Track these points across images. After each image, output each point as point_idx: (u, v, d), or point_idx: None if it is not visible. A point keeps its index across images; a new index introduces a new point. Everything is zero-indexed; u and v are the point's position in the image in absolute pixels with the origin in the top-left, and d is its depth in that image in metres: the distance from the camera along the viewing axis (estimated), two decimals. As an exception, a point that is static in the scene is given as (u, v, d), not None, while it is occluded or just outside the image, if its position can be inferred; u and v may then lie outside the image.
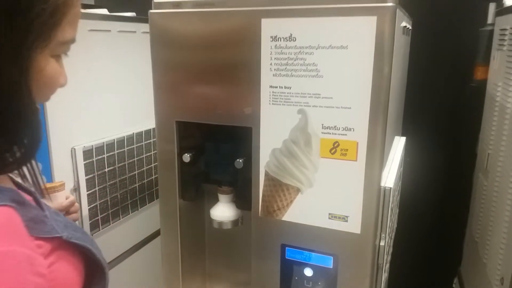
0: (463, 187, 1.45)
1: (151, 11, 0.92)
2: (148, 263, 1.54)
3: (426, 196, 1.60)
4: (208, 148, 0.98)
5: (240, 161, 0.93)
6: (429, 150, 1.53)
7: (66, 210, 0.93)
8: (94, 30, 1.24)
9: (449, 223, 1.59)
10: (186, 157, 0.97)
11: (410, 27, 1.21)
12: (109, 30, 1.31)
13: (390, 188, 0.92)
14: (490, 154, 1.20)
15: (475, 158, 1.38)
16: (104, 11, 1.48)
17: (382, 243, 0.93)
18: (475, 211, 1.34)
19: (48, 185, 0.94)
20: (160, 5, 0.92)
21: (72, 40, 0.51)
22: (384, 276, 1.04)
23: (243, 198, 0.97)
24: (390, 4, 0.75)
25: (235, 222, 1.03)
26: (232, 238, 1.13)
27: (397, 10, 0.78)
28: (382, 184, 0.91)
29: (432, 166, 1.55)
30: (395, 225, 1.38)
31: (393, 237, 1.29)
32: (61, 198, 0.94)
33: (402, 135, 1.40)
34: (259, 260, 0.97)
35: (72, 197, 0.95)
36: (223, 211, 1.02)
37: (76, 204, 0.95)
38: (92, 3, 2.11)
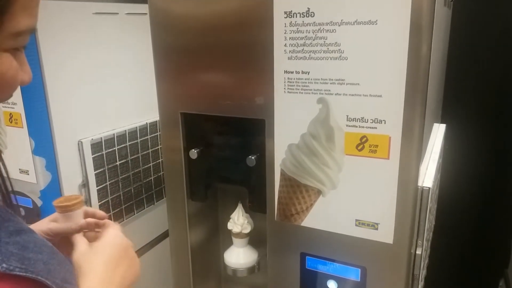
0: (510, 178, 1.28)
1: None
2: (168, 258, 1.47)
3: (468, 190, 1.43)
4: (216, 143, 0.87)
5: (252, 158, 0.81)
6: (472, 138, 1.36)
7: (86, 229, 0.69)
8: (98, 13, 1.14)
9: (495, 220, 1.42)
10: (193, 153, 0.86)
11: (453, -2, 1.05)
12: (117, 13, 1.21)
13: (429, 188, 0.79)
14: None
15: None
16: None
17: (418, 252, 0.80)
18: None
19: (62, 200, 0.72)
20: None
21: (30, 30, 0.43)
22: (421, 284, 0.91)
23: (256, 200, 0.85)
24: (431, -34, 0.60)
25: (251, 270, 0.96)
26: (250, 242, 1.03)
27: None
28: (419, 183, 0.78)
29: (476, 156, 1.38)
30: (433, 223, 1.24)
31: (430, 238, 1.16)
32: (77, 217, 0.71)
33: (441, 121, 1.25)
34: (276, 269, 0.86)
35: (100, 213, 0.70)
36: (237, 257, 0.95)
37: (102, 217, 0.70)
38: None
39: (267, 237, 0.85)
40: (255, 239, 0.97)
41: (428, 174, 0.85)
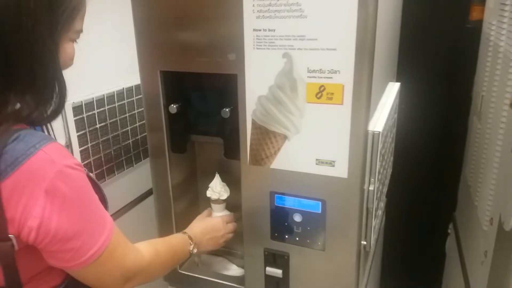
0: (459, 131, 1.44)
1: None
2: (145, 220, 1.56)
3: (422, 142, 1.59)
4: (194, 98, 0.97)
5: (226, 110, 0.91)
6: (425, 95, 1.50)
7: None
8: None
9: (445, 169, 1.59)
10: (173, 108, 0.96)
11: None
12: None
13: (379, 132, 0.92)
14: (484, 97, 1.18)
15: (470, 102, 1.36)
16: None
17: (371, 188, 0.94)
18: (469, 155, 1.34)
19: None
20: None
21: (81, 30, 0.70)
22: (376, 221, 1.06)
23: (231, 148, 0.96)
24: None
25: None
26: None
27: None
28: (371, 128, 0.90)
29: (428, 112, 1.53)
30: (390, 171, 1.39)
31: (386, 183, 1.30)
32: None
33: (397, 80, 1.38)
34: (249, 208, 0.98)
35: None
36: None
37: None
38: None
39: (241, 180, 0.96)
40: (233, 183, 1.08)
41: (379, 122, 0.98)
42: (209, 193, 1.04)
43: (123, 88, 1.38)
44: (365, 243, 0.98)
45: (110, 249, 0.66)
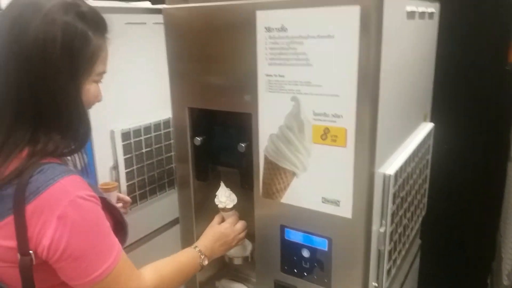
0: (496, 176, 1.37)
1: (163, 7, 1.00)
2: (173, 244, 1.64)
3: (457, 184, 1.52)
4: (215, 132, 1.06)
5: (242, 145, 0.99)
6: (461, 137, 1.45)
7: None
8: (130, 23, 1.36)
9: (483, 215, 1.51)
10: (197, 141, 1.05)
11: (433, 10, 1.17)
12: (145, 23, 1.42)
13: (390, 175, 0.93)
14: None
15: (509, 146, 1.29)
16: (147, 4, 1.61)
17: (382, 230, 0.94)
18: (504, 202, 1.27)
19: (103, 184, 1.12)
20: (171, 1, 1.00)
21: (104, 71, 0.81)
22: (393, 264, 1.04)
23: (247, 180, 1.03)
24: (374, -8, 0.75)
25: (245, 259, 1.14)
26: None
27: (387, -3, 0.77)
28: (382, 170, 0.92)
29: (464, 154, 1.47)
30: (422, 213, 1.35)
31: (415, 226, 1.27)
32: (112, 197, 1.10)
33: (431, 121, 1.36)
34: (262, 239, 1.03)
35: (127, 198, 1.19)
36: (235, 248, 1.11)
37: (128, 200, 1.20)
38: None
39: (254, 211, 1.02)
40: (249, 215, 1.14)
41: (394, 164, 0.99)
42: (216, 201, 1.09)
43: (169, 117, 1.49)
44: (376, 285, 0.98)
45: (115, 274, 0.73)
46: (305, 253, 0.98)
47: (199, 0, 0.96)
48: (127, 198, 1.19)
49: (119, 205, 1.13)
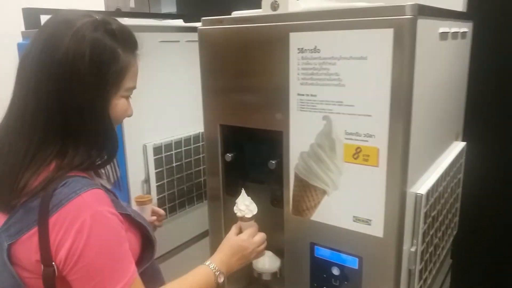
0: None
1: (199, 27, 1.04)
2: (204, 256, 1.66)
3: (492, 204, 1.49)
4: (246, 149, 1.08)
5: (273, 162, 1.00)
6: (494, 157, 1.43)
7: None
8: (163, 41, 1.40)
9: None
10: (228, 157, 1.08)
11: (466, 30, 1.16)
12: (178, 41, 1.46)
13: (421, 195, 0.93)
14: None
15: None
16: (180, 22, 1.66)
17: (412, 249, 0.94)
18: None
19: (138, 197, 1.14)
20: (206, 22, 1.03)
21: (134, 87, 0.82)
22: (423, 283, 1.03)
23: (276, 197, 1.04)
24: (408, 16, 0.76)
25: (274, 274, 1.12)
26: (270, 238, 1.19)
27: (420, 20, 0.78)
28: (414, 190, 0.92)
29: (497, 174, 1.44)
30: (453, 232, 1.33)
31: (446, 245, 1.25)
32: (147, 211, 1.12)
33: (463, 140, 1.34)
34: (291, 256, 1.04)
35: (161, 211, 1.19)
36: (263, 263, 1.10)
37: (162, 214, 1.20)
38: (174, 11, 2.34)
39: (284, 229, 1.03)
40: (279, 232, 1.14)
41: (426, 183, 0.99)
42: (235, 209, 1.05)
43: (199, 132, 1.53)
44: (406, 304, 0.97)
45: None
46: (335, 271, 0.98)
47: (234, 21, 0.99)
48: (161, 211, 1.19)
49: (153, 218, 1.15)
